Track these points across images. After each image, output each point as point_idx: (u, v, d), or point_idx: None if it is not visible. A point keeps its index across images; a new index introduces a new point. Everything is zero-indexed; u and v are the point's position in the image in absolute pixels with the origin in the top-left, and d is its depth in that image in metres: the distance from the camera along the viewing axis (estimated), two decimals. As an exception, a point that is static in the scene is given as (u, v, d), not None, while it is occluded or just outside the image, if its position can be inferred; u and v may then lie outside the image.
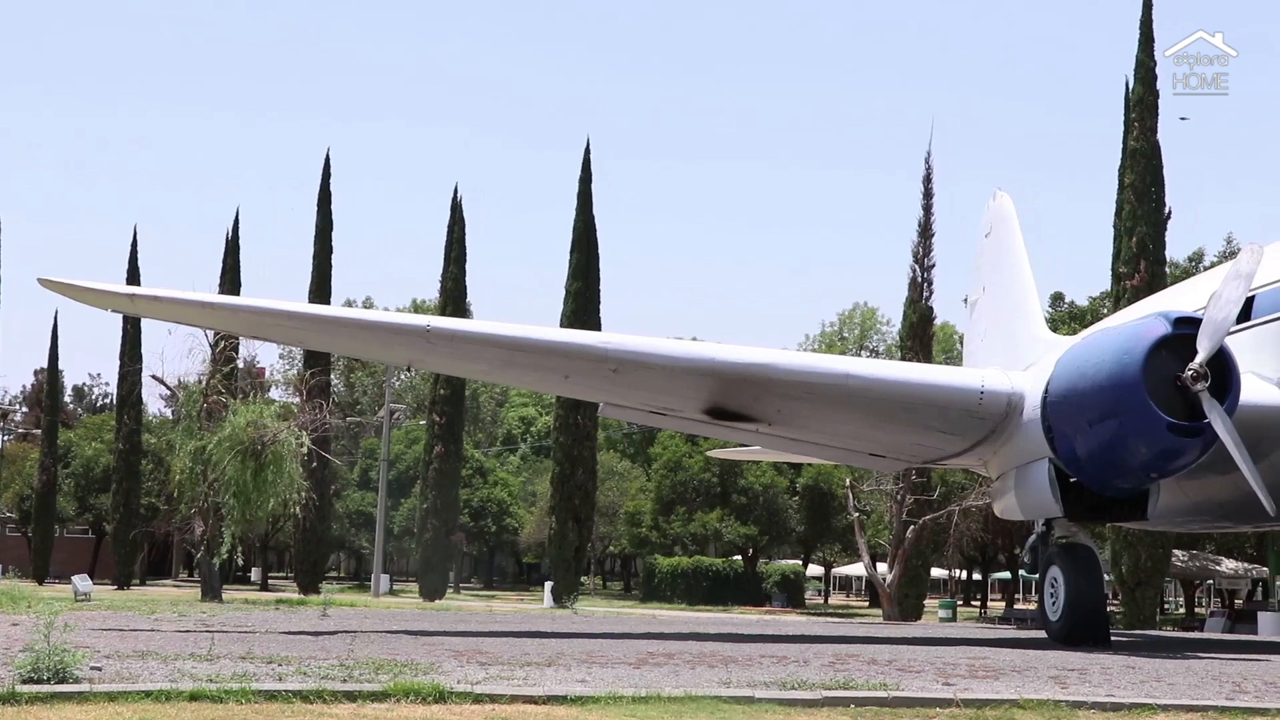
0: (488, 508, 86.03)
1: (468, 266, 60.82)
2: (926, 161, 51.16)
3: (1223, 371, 18.69)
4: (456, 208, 60.82)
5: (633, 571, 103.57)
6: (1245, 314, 20.63)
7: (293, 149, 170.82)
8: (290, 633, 18.01)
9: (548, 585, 55.33)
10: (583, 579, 65.86)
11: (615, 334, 23.42)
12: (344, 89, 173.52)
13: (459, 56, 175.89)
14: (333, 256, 62.47)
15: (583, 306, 54.90)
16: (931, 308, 51.02)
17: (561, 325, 51.57)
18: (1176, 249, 62.53)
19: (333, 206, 63.13)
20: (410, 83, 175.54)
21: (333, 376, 73.20)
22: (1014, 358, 28.80)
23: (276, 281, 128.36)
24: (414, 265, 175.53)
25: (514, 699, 10.39)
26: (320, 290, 61.19)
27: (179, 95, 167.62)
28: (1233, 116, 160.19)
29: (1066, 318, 59.70)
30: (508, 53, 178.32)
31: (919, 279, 50.53)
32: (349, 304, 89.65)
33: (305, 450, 39.95)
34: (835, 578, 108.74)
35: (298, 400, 53.30)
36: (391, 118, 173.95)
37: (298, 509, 43.76)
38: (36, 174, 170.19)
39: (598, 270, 56.28)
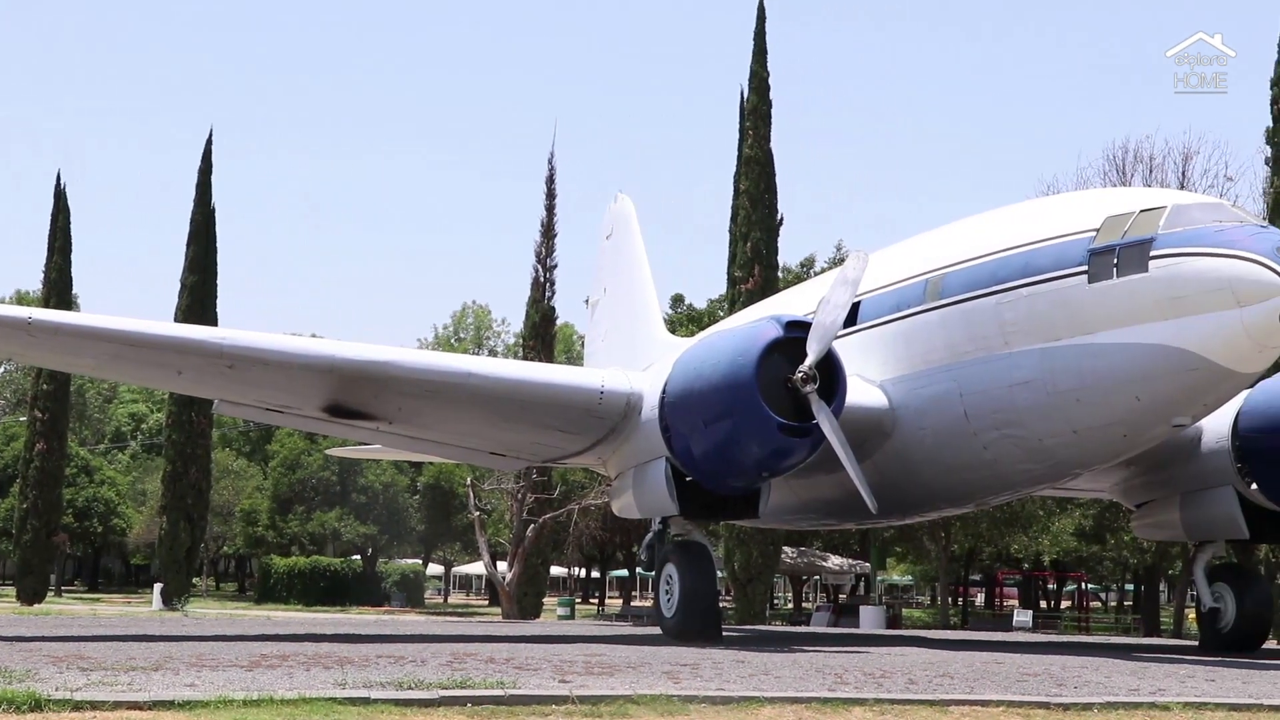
0: (93, 507, 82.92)
1: (75, 257, 58.33)
2: (550, 163, 51.84)
3: (831, 374, 19.29)
4: (60, 195, 58.24)
5: (248, 572, 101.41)
6: (852, 318, 21.54)
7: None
8: None
9: (157, 587, 53.69)
10: (195, 580, 64.04)
11: (231, 329, 22.73)
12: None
13: (70, 36, 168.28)
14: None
15: (199, 301, 53.49)
16: (554, 308, 51.65)
17: (177, 320, 50.06)
18: (789, 254, 65.12)
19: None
20: (8, 59, 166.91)
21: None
22: (634, 358, 29.29)
23: None
24: (17, 255, 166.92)
25: (117, 705, 9.89)
26: (-93, 278, 57.66)
27: None
28: (836, 127, 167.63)
29: (685, 319, 61.20)
30: (130, 35, 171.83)
31: (541, 279, 51.02)
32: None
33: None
34: (455, 577, 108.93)
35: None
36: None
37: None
38: None
39: (216, 264, 54.93)
